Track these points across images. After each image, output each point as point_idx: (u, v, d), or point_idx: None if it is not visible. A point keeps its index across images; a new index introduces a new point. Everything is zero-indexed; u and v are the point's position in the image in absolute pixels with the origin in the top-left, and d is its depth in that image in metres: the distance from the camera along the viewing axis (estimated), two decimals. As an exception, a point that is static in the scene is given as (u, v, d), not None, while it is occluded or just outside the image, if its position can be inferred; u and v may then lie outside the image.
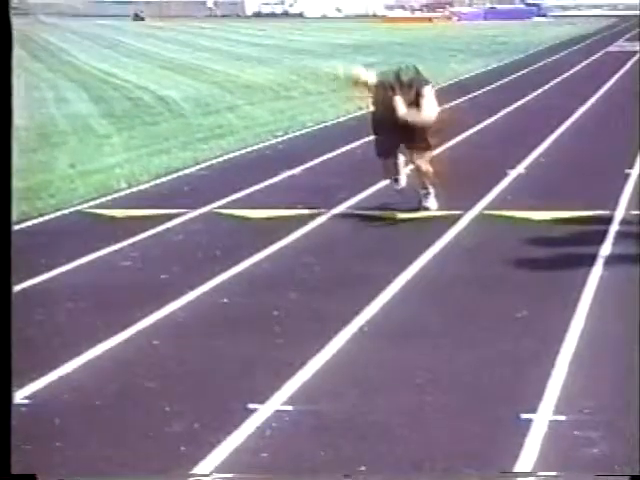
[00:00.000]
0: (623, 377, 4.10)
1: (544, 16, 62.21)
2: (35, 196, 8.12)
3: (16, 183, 9.52)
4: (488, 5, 69.51)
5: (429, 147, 7.38)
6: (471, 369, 4.26)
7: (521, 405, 3.83)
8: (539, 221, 6.96)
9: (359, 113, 12.77)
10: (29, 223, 7.28)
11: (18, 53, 29.90)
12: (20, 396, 3.99)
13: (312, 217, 7.19)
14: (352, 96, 14.83)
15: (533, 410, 3.78)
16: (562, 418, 3.72)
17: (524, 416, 3.74)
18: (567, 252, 6.24)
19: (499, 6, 68.77)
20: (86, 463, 3.47)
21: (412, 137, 7.21)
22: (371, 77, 7.32)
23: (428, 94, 7.21)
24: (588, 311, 5.00)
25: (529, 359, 4.35)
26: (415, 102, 7.16)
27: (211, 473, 3.41)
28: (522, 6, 69.66)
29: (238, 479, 3.38)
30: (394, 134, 7.23)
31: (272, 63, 24.71)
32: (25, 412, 3.87)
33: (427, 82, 7.35)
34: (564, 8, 67.81)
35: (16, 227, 7.12)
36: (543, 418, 3.72)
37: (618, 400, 3.88)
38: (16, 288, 5.52)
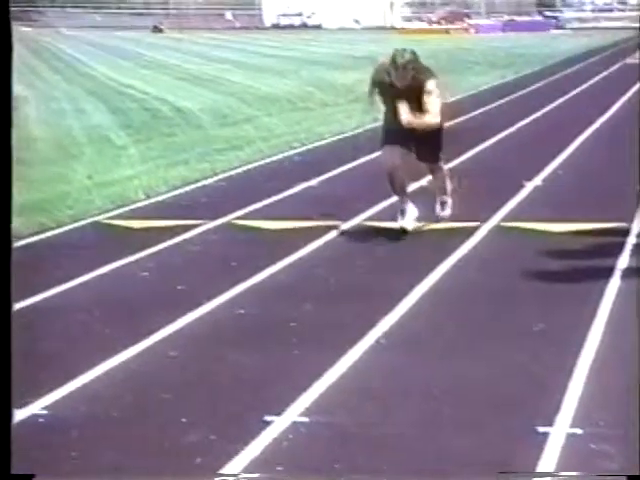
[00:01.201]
0: (641, 390, 4.07)
1: (562, 28, 62.15)
2: (53, 207, 8.16)
3: (34, 194, 9.63)
4: (506, 17, 69.53)
5: (439, 157, 7.14)
6: (488, 381, 4.25)
7: (538, 418, 3.81)
8: (556, 233, 6.94)
9: (376, 124, 12.77)
10: (47, 234, 7.31)
11: (36, 64, 30.10)
12: (38, 407, 4.01)
13: (329, 228, 7.19)
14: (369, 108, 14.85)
15: (550, 423, 3.77)
16: (579, 431, 3.71)
17: (541, 429, 3.72)
18: (584, 264, 6.22)
19: (517, 18, 68.78)
20: (102, 473, 3.48)
21: (424, 148, 6.99)
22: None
23: (432, 90, 6.79)
24: (605, 324, 4.98)
25: (546, 372, 4.33)
26: (414, 92, 6.76)
27: (239, 473, 3.41)
28: (540, 18, 69.64)
29: (265, 479, 3.39)
30: (403, 142, 6.92)
31: (289, 74, 24.78)
32: (43, 422, 3.88)
33: (430, 74, 6.87)
34: (582, 20, 67.71)
35: (34, 238, 7.17)
36: (560, 431, 3.71)
37: (636, 413, 3.85)
38: (33, 300, 5.55)
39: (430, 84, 6.81)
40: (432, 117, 6.84)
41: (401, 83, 6.74)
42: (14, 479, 2.48)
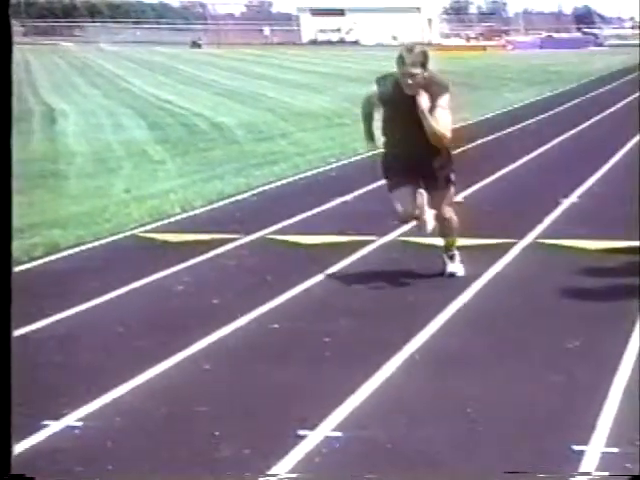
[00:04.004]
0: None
1: (601, 45, 61.80)
2: (91, 221, 8.24)
3: (72, 208, 9.72)
4: (545, 34, 69.33)
5: (449, 184, 6.10)
6: (522, 399, 4.22)
7: (573, 436, 3.79)
8: (593, 250, 6.90)
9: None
10: (85, 247, 7.38)
11: (76, 80, 30.40)
12: (73, 418, 4.04)
13: (363, 244, 7.20)
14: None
15: (585, 442, 3.74)
16: (614, 450, 3.68)
17: (576, 447, 3.70)
18: (621, 282, 6.17)
19: (555, 35, 68.55)
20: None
21: (429, 169, 5.98)
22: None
23: (444, 104, 5.83)
24: (642, 342, 4.94)
25: (581, 390, 4.31)
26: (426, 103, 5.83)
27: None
28: (579, 35, 69.36)
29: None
30: (411, 176, 5.96)
31: (325, 90, 24.85)
32: (78, 434, 3.91)
33: (445, 87, 5.89)
34: (621, 37, 67.29)
35: (72, 251, 7.24)
36: (595, 450, 3.68)
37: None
38: (69, 312, 5.60)
39: (443, 99, 5.85)
40: (441, 129, 5.83)
41: (411, 89, 5.80)
42: (14, 479, 2.50)
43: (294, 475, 3.43)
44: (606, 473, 3.38)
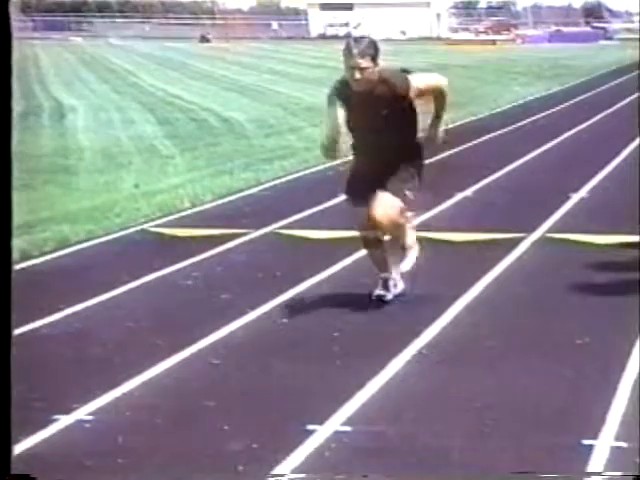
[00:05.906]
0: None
1: (610, 39, 61.60)
2: (101, 215, 8.26)
3: (82, 203, 9.71)
4: (553, 28, 69.15)
5: (403, 196, 5.35)
6: (531, 394, 4.22)
7: (582, 431, 3.79)
8: (602, 245, 6.89)
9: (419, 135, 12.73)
10: (95, 242, 7.40)
11: (86, 75, 30.43)
12: (83, 412, 4.06)
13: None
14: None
15: (594, 436, 3.74)
16: (624, 445, 3.68)
17: (585, 442, 3.70)
18: (631, 277, 6.15)
19: (565, 29, 68.35)
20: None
21: (390, 180, 5.31)
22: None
23: (419, 79, 5.21)
24: (651, 337, 4.93)
25: (590, 384, 4.30)
26: (385, 101, 5.13)
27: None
28: (588, 29, 69.16)
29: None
30: (373, 181, 5.28)
31: (335, 85, 24.81)
32: (88, 428, 3.93)
33: (404, 78, 5.19)
34: (630, 31, 67.06)
35: (82, 245, 7.26)
36: (604, 444, 3.68)
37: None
38: (79, 307, 5.62)
39: (413, 92, 5.19)
40: (439, 80, 5.25)
41: (360, 85, 5.07)
42: (14, 479, 2.51)
43: (302, 475, 3.43)
44: (617, 473, 3.37)
